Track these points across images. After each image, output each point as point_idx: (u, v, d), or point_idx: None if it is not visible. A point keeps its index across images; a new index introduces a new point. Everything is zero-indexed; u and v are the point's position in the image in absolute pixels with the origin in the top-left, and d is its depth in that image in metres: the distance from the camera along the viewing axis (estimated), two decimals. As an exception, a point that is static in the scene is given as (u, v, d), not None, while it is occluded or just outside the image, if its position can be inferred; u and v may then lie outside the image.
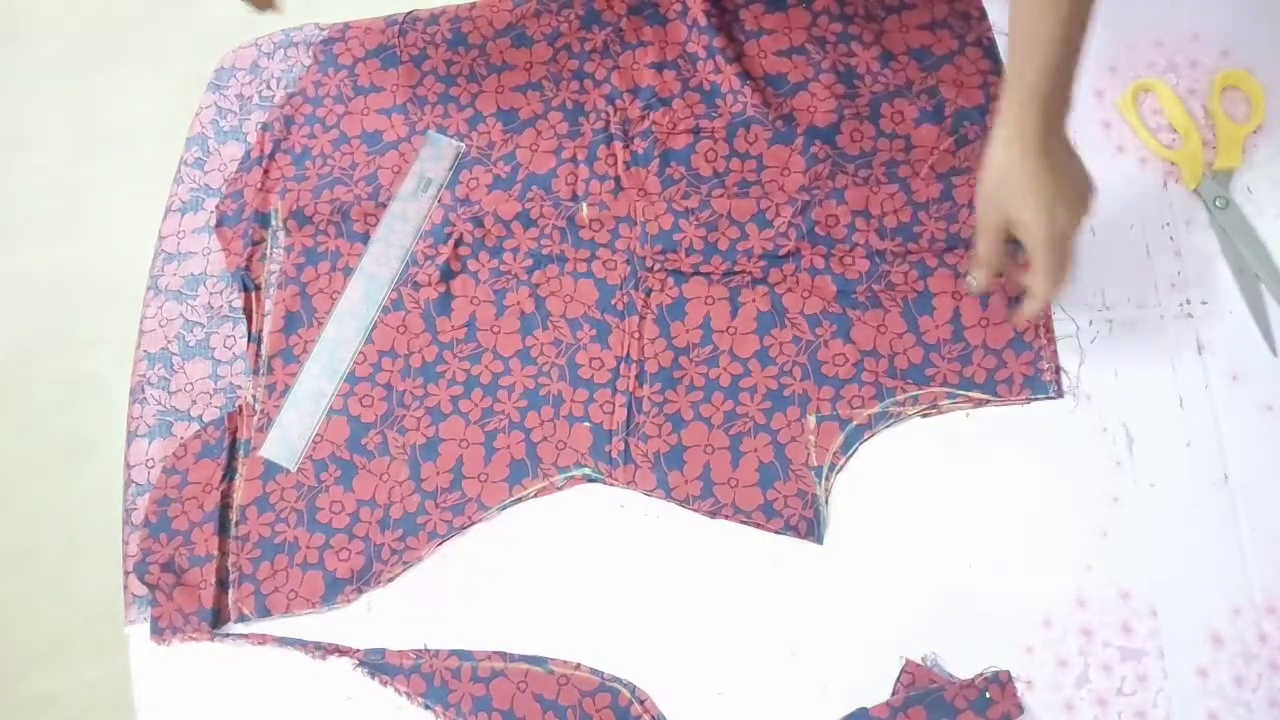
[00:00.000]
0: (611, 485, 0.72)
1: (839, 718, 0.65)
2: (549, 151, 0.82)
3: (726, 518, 0.71)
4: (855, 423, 0.72)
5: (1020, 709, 0.64)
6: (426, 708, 0.68)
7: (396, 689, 0.69)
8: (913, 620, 0.67)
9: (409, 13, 0.89)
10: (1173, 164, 0.76)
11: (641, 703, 0.67)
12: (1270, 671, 0.65)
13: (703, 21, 0.82)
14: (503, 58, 0.86)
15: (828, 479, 0.71)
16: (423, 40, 0.87)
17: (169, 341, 0.81)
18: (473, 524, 0.73)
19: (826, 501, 0.70)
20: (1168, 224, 0.75)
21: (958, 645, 0.67)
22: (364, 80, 0.87)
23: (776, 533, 0.70)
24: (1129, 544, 0.68)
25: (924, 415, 0.71)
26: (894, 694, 0.65)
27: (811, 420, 0.72)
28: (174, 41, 1.56)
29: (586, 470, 0.73)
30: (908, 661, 0.66)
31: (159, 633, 0.72)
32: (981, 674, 0.65)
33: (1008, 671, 0.65)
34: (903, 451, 0.71)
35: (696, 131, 0.80)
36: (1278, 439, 0.69)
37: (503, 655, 0.69)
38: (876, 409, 0.72)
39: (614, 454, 0.73)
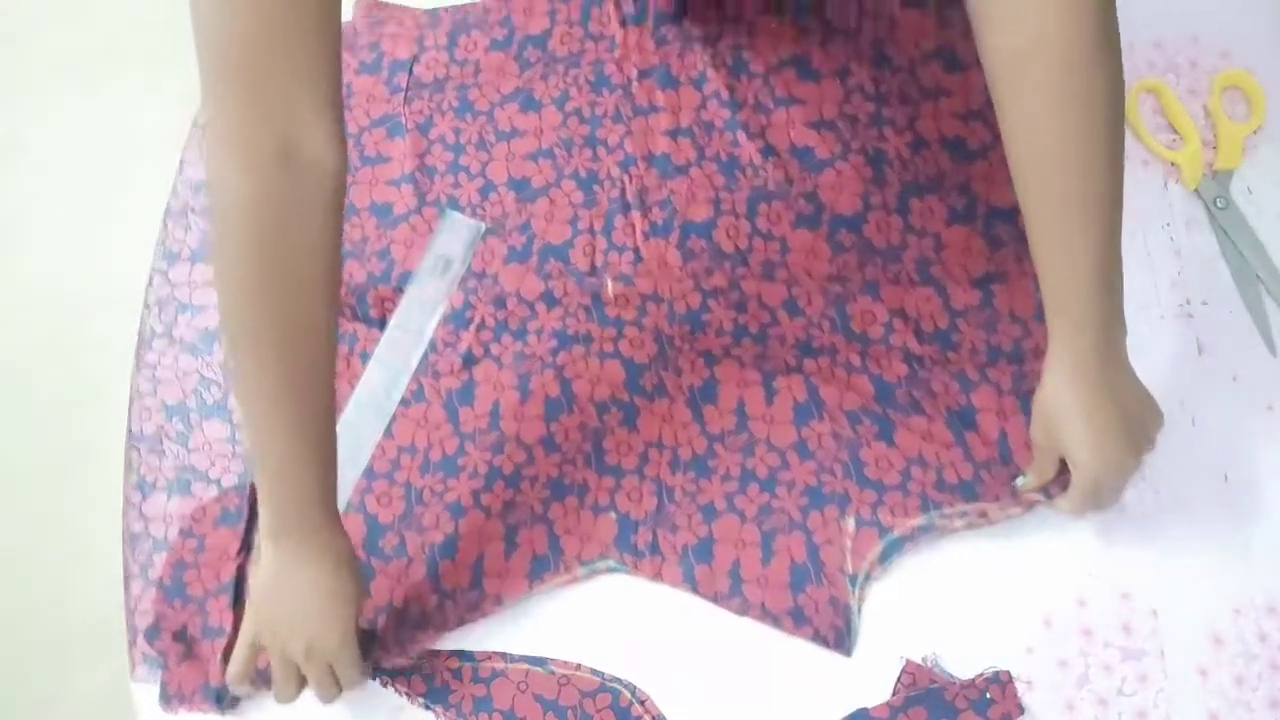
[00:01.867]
0: (636, 577, 0.70)
1: (839, 718, 0.65)
2: (564, 221, 0.79)
3: (754, 619, 0.67)
4: (896, 532, 0.68)
5: (1021, 709, 0.64)
6: (427, 708, 0.68)
7: (396, 689, 0.69)
8: (913, 620, 0.67)
9: (410, 75, 0.85)
10: (1173, 164, 0.76)
11: (642, 703, 0.67)
12: (1270, 671, 0.65)
13: (725, 95, 0.80)
14: (511, 124, 0.83)
15: (862, 588, 0.67)
16: (428, 108, 0.84)
17: (186, 396, 0.79)
18: (485, 618, 0.70)
19: (859, 611, 0.68)
20: (1168, 224, 0.75)
21: (958, 645, 0.67)
22: (370, 150, 0.84)
23: (806, 640, 0.66)
24: (1129, 544, 0.68)
25: (970, 526, 0.68)
26: (894, 694, 0.65)
27: (850, 523, 0.68)
28: (175, 43, 1.57)
29: (611, 563, 0.70)
30: (908, 662, 0.66)
31: (166, 700, 0.70)
32: (982, 674, 0.65)
33: (1008, 671, 0.65)
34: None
35: (716, 203, 0.77)
36: (1278, 439, 0.69)
37: (503, 656, 0.69)
38: (920, 520, 0.68)
39: (640, 545, 0.69)
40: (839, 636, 0.66)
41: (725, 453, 0.71)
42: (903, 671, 0.66)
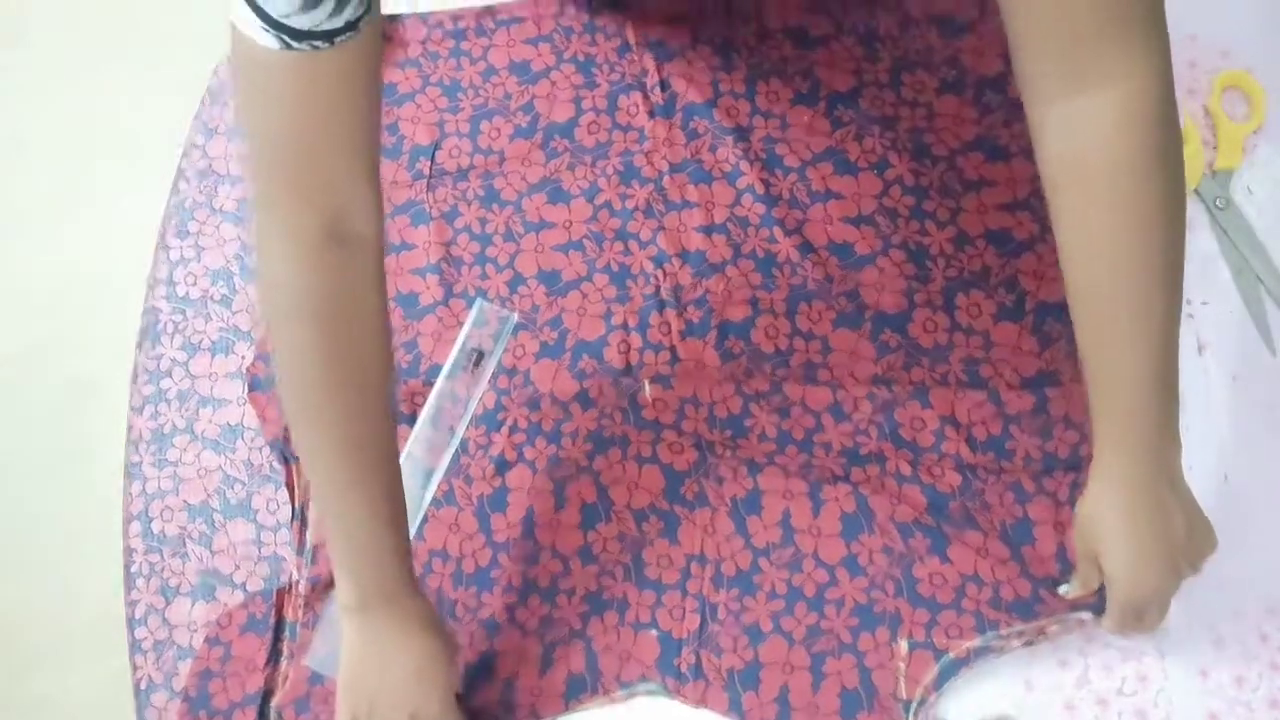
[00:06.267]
0: (680, 702, 0.67)
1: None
2: (597, 316, 0.76)
3: None
4: (952, 654, 0.64)
5: None
6: None
7: None
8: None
9: (433, 161, 0.82)
10: (1173, 164, 0.76)
11: None
12: (1270, 671, 0.65)
13: (760, 190, 0.77)
14: (539, 215, 0.80)
15: (916, 715, 0.64)
16: (452, 196, 0.81)
17: (209, 495, 0.77)
18: None
19: None
20: (1168, 224, 0.75)
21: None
22: (394, 237, 0.81)
23: None
24: (1129, 544, 0.68)
25: (1028, 644, 0.65)
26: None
27: (903, 646, 0.65)
28: (175, 41, 1.56)
29: (652, 686, 0.67)
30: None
31: None
32: None
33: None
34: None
35: (754, 302, 0.75)
36: (1278, 439, 0.69)
37: None
38: (977, 642, 0.64)
39: (683, 667, 0.66)
40: None
41: (771, 568, 0.68)
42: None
